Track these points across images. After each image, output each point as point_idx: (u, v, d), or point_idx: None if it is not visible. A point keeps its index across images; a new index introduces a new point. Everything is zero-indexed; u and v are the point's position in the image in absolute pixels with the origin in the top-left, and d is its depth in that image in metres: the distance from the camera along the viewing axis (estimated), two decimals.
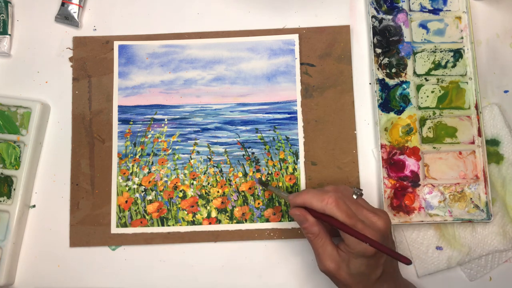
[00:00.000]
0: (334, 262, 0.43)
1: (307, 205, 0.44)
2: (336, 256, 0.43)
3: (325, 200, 0.42)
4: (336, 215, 0.42)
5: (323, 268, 0.44)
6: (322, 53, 0.55)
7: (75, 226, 0.52)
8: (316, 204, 0.43)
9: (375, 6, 0.56)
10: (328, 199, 0.42)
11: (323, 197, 0.43)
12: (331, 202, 0.42)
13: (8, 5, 0.55)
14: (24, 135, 0.52)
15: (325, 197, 0.43)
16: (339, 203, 0.42)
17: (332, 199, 0.42)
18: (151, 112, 0.55)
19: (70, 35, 0.56)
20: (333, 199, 0.42)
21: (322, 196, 0.43)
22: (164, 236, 0.52)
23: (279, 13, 0.56)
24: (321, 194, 0.43)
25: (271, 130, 0.54)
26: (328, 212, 0.42)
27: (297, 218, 0.45)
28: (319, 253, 0.44)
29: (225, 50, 0.56)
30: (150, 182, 0.53)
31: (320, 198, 0.43)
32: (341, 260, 0.43)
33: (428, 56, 0.55)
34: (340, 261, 0.43)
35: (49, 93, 0.55)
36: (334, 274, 0.43)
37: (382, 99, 0.54)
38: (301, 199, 0.44)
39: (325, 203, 0.42)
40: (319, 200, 0.43)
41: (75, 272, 0.52)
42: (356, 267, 0.42)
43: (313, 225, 0.44)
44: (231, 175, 0.53)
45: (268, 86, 0.55)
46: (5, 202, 0.51)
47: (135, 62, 0.55)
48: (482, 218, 0.51)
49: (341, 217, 0.42)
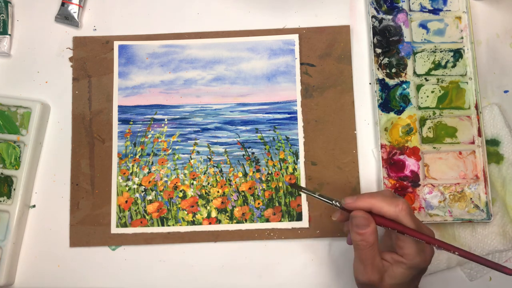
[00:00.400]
0: (380, 273, 0.41)
1: (375, 210, 0.41)
2: (381, 267, 0.41)
3: (399, 206, 0.40)
4: (408, 223, 0.40)
5: (365, 279, 0.41)
6: (322, 53, 0.55)
7: (75, 226, 0.52)
8: (388, 209, 0.40)
9: (375, 6, 0.56)
10: (402, 205, 0.40)
11: (396, 203, 0.40)
12: (405, 209, 0.40)
13: (8, 5, 0.55)
14: (24, 135, 0.52)
15: (399, 203, 0.40)
16: (411, 212, 0.40)
17: (406, 206, 0.40)
18: (151, 112, 0.55)
19: (70, 35, 0.56)
20: (406, 206, 0.40)
21: (394, 201, 0.40)
22: (164, 236, 0.52)
23: (279, 13, 0.56)
24: (392, 199, 0.41)
25: (271, 130, 0.54)
26: (401, 219, 0.40)
27: (360, 222, 0.41)
28: (366, 264, 0.41)
29: (225, 50, 0.56)
30: (150, 182, 0.53)
31: (392, 203, 0.40)
32: (385, 271, 0.41)
33: (428, 56, 0.55)
34: (384, 272, 0.41)
35: (49, 93, 0.55)
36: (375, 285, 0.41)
37: (382, 99, 0.54)
38: (368, 202, 0.41)
39: (400, 209, 0.40)
40: (392, 205, 0.40)
41: (75, 272, 0.52)
42: (401, 278, 0.41)
43: (373, 233, 0.41)
44: (231, 175, 0.53)
45: (268, 86, 0.55)
46: (5, 202, 0.51)
47: (135, 62, 0.55)
48: (482, 218, 0.51)
49: (413, 225, 0.40)
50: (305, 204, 0.52)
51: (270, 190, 0.53)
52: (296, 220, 0.52)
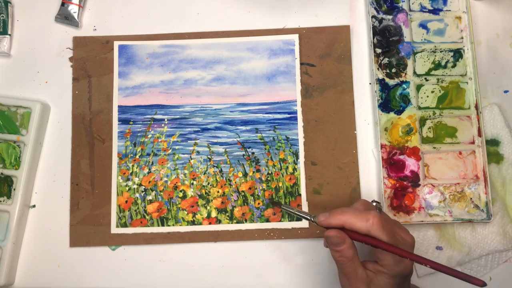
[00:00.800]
0: (365, 284, 0.41)
1: (347, 226, 0.41)
2: (366, 278, 0.42)
3: (370, 220, 0.40)
4: (381, 236, 0.40)
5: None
6: (322, 53, 0.55)
7: (75, 226, 0.52)
8: (360, 225, 0.40)
9: (375, 6, 0.56)
10: (373, 219, 0.40)
11: (367, 217, 0.40)
12: (377, 223, 0.40)
13: (8, 5, 0.55)
14: (24, 135, 0.52)
15: (370, 217, 0.40)
16: (384, 224, 0.40)
17: (377, 220, 0.40)
18: (151, 112, 0.55)
19: (70, 35, 0.56)
20: (378, 220, 0.40)
21: (365, 216, 0.40)
22: (164, 236, 0.52)
23: (279, 13, 0.56)
24: (363, 214, 0.41)
25: (271, 130, 0.54)
26: (373, 234, 0.40)
27: (334, 241, 0.41)
28: (350, 277, 0.42)
29: (225, 50, 0.56)
30: (150, 182, 0.53)
31: (363, 218, 0.40)
32: (370, 281, 0.42)
33: (428, 56, 0.55)
34: (369, 282, 0.42)
35: (49, 93, 0.55)
36: None
37: (382, 99, 0.54)
38: (339, 219, 0.41)
39: (371, 224, 0.40)
40: (363, 220, 0.40)
41: (75, 272, 0.52)
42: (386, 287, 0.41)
43: (350, 248, 0.41)
44: (231, 175, 0.53)
45: (268, 86, 0.55)
46: (5, 202, 0.51)
47: (135, 62, 0.55)
48: (482, 218, 0.51)
49: (386, 238, 0.40)
50: (305, 204, 0.52)
51: (270, 190, 0.53)
52: (296, 220, 0.52)
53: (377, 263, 0.42)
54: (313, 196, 0.52)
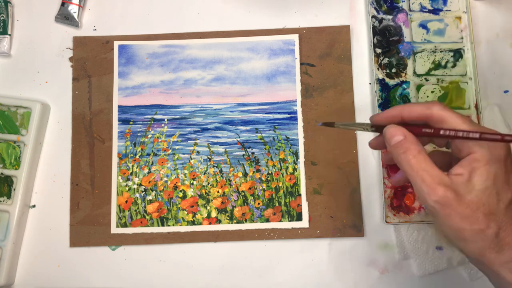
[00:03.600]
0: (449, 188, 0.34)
1: (405, 112, 0.36)
2: (448, 180, 0.34)
3: (428, 103, 0.35)
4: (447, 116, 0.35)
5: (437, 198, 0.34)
6: (322, 53, 0.55)
7: (75, 226, 0.52)
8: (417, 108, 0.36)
9: (375, 6, 0.56)
10: (433, 102, 0.35)
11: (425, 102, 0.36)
12: (438, 104, 0.35)
13: (8, 5, 0.55)
14: (24, 135, 0.52)
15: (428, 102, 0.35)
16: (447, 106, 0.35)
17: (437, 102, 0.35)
18: (151, 112, 0.55)
19: (70, 35, 0.56)
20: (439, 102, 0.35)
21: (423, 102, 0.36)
22: (164, 236, 0.52)
23: (279, 13, 0.56)
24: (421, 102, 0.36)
25: (271, 130, 0.54)
26: (436, 112, 0.35)
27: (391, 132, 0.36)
28: (425, 179, 0.34)
29: (225, 50, 0.56)
30: (150, 182, 0.53)
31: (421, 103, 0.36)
32: (457, 185, 0.34)
33: (428, 56, 0.55)
34: (456, 185, 0.34)
35: (49, 93, 0.55)
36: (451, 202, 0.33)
37: (382, 99, 0.54)
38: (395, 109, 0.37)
39: (431, 104, 0.35)
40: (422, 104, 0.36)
41: (75, 272, 0.52)
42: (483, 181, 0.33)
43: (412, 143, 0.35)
44: (231, 175, 0.53)
45: (268, 86, 0.55)
46: (5, 202, 0.51)
47: (135, 62, 0.55)
48: None
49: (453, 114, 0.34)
50: (305, 204, 0.52)
51: (270, 190, 0.53)
52: (296, 220, 0.52)
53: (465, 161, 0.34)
54: (313, 196, 0.52)
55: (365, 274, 0.51)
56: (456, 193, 0.34)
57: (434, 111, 0.35)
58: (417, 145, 0.35)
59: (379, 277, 0.51)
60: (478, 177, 0.34)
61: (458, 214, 0.34)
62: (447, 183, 0.34)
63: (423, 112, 0.36)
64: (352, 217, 0.52)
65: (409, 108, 0.36)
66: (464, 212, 0.33)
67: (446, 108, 0.35)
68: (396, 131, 0.36)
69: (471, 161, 0.34)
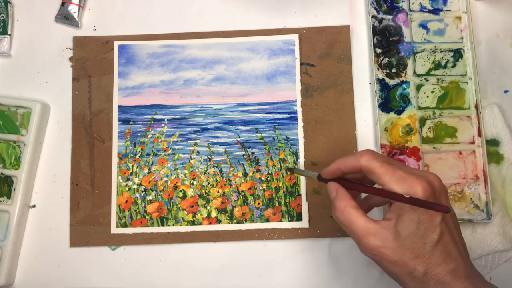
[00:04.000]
0: (376, 236, 0.37)
1: (341, 167, 0.40)
2: (376, 229, 0.37)
3: (359, 153, 0.39)
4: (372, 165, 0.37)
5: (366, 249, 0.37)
6: (322, 53, 0.55)
7: (75, 226, 0.52)
8: (350, 161, 0.39)
9: (375, 6, 0.56)
10: (363, 152, 0.39)
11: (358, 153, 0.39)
12: (366, 153, 0.38)
13: (8, 5, 0.55)
14: (24, 135, 0.52)
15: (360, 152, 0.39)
16: (376, 154, 0.38)
17: (368, 151, 0.39)
18: (151, 112, 0.55)
19: (70, 35, 0.56)
20: (369, 151, 0.38)
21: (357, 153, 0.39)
22: (164, 236, 0.52)
23: (279, 13, 0.56)
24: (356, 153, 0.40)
25: (271, 130, 0.54)
26: (363, 163, 0.38)
27: (328, 191, 0.41)
28: (354, 232, 0.38)
29: (225, 50, 0.56)
30: (150, 182, 0.53)
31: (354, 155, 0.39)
32: (385, 230, 0.37)
33: (428, 56, 0.55)
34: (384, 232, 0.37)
35: (49, 93, 0.55)
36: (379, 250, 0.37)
37: (382, 99, 0.54)
38: (335, 165, 0.40)
39: (359, 155, 0.38)
40: (354, 156, 0.39)
41: (75, 272, 0.52)
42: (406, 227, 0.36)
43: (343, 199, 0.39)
44: (231, 175, 0.53)
45: (268, 86, 0.55)
46: (5, 202, 0.51)
47: (135, 62, 0.55)
48: (482, 218, 0.51)
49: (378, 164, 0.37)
50: (305, 204, 0.52)
51: (270, 190, 0.53)
52: (296, 220, 0.52)
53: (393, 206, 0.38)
54: (313, 196, 0.52)
55: (365, 274, 0.51)
56: (383, 240, 0.37)
57: (362, 163, 0.38)
58: (345, 200, 0.39)
59: (379, 277, 0.51)
60: (401, 224, 0.37)
61: (387, 260, 0.37)
62: (375, 232, 0.37)
63: (354, 164, 0.39)
64: None
65: (344, 162, 0.40)
66: (392, 257, 0.36)
67: (373, 157, 0.38)
68: (331, 188, 0.40)
69: (397, 208, 0.37)
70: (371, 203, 0.45)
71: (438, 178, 0.38)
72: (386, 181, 0.37)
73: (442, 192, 0.38)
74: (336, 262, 0.52)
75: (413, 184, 0.36)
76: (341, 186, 0.40)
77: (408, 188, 0.36)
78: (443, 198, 0.38)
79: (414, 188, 0.36)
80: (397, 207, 0.37)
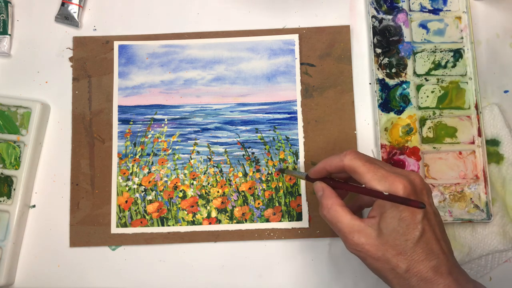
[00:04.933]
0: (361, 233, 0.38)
1: (327, 166, 0.41)
2: (361, 226, 0.38)
3: (343, 153, 0.40)
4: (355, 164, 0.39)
5: (351, 245, 0.39)
6: (322, 53, 0.55)
7: (75, 226, 0.52)
8: (334, 160, 0.40)
9: (375, 6, 0.56)
10: (347, 152, 0.40)
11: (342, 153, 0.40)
12: (350, 153, 0.40)
13: (8, 5, 0.55)
14: (24, 135, 0.52)
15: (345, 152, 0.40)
16: (359, 154, 0.40)
17: (352, 151, 0.40)
18: (151, 112, 0.55)
19: (70, 35, 0.56)
20: (353, 151, 0.40)
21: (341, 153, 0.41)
22: (164, 236, 0.52)
23: (279, 13, 0.56)
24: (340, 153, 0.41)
25: (271, 130, 0.54)
26: (346, 163, 0.39)
27: (315, 189, 0.43)
28: (339, 229, 0.39)
29: (225, 50, 0.56)
30: (150, 182, 0.53)
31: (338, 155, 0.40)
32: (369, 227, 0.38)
33: (428, 56, 0.55)
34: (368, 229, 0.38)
35: (49, 93, 0.55)
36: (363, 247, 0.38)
37: (382, 99, 0.54)
38: (321, 164, 0.42)
39: (343, 155, 0.40)
40: (338, 156, 0.40)
41: (75, 272, 0.52)
42: (388, 225, 0.37)
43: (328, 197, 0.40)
44: (231, 175, 0.53)
45: (268, 86, 0.55)
46: (5, 202, 0.51)
47: (135, 62, 0.55)
48: (482, 218, 0.51)
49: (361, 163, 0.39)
50: (305, 204, 0.52)
51: (270, 190, 0.53)
52: (296, 220, 0.52)
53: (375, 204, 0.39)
54: (313, 196, 0.52)
55: (365, 274, 0.51)
56: (367, 236, 0.38)
57: (345, 163, 0.40)
58: (331, 198, 0.40)
59: (379, 277, 0.51)
60: (384, 222, 0.38)
61: (371, 257, 0.38)
62: (359, 229, 0.38)
63: (338, 164, 0.40)
64: None
65: (329, 162, 0.41)
66: (375, 254, 0.38)
67: (356, 157, 0.39)
68: (318, 187, 0.42)
69: (379, 205, 0.39)
70: (361, 203, 0.46)
71: (420, 177, 0.39)
72: (368, 179, 0.38)
73: (423, 190, 0.39)
74: (336, 262, 0.52)
75: (394, 183, 0.37)
76: (327, 185, 0.42)
77: (389, 186, 0.37)
78: (424, 197, 0.39)
79: (395, 186, 0.37)
80: (379, 205, 0.38)
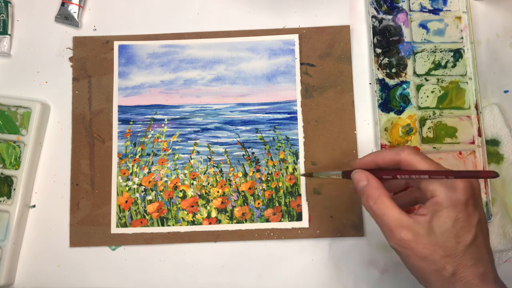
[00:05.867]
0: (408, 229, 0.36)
1: (378, 159, 0.39)
2: (409, 222, 0.36)
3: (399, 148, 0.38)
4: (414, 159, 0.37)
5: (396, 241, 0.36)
6: (322, 53, 0.55)
7: (75, 226, 0.52)
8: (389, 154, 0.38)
9: (375, 6, 0.56)
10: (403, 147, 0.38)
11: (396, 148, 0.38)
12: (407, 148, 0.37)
13: (8, 5, 0.55)
14: (24, 135, 0.52)
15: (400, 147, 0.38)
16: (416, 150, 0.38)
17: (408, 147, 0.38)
18: (151, 112, 0.55)
19: (70, 35, 0.56)
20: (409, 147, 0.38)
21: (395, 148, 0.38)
22: (164, 236, 0.52)
23: (279, 13, 0.56)
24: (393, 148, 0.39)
25: (271, 130, 0.54)
26: (404, 157, 0.37)
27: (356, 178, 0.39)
28: (385, 223, 0.37)
29: (225, 50, 0.56)
30: (150, 182, 0.53)
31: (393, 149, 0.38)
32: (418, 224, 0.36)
33: (428, 56, 0.55)
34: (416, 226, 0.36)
35: (49, 93, 0.55)
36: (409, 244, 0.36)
37: (382, 99, 0.54)
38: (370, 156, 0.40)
39: (401, 149, 0.38)
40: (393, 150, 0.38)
41: (75, 272, 0.52)
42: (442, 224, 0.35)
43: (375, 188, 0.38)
44: (231, 175, 0.53)
45: (268, 86, 0.55)
46: (5, 202, 0.51)
47: (135, 62, 0.55)
48: None
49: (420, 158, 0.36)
50: (305, 204, 0.52)
51: (270, 190, 0.53)
52: (296, 220, 0.52)
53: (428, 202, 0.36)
54: (313, 196, 0.52)
55: (365, 274, 0.51)
56: (416, 234, 0.36)
57: (402, 157, 0.38)
58: (378, 189, 0.38)
59: (379, 277, 0.51)
60: (437, 221, 0.35)
61: (417, 255, 0.36)
62: (407, 225, 0.36)
63: (394, 158, 0.38)
64: (352, 217, 0.52)
65: (382, 155, 0.39)
66: (422, 253, 0.35)
67: (414, 152, 0.38)
68: (361, 176, 0.39)
69: (433, 204, 0.36)
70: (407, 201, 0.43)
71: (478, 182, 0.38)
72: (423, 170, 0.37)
73: (479, 194, 0.38)
74: (336, 262, 0.52)
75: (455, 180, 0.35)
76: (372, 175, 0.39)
77: (450, 183, 0.36)
78: (480, 202, 0.37)
79: (455, 184, 0.36)
80: (433, 203, 0.36)
